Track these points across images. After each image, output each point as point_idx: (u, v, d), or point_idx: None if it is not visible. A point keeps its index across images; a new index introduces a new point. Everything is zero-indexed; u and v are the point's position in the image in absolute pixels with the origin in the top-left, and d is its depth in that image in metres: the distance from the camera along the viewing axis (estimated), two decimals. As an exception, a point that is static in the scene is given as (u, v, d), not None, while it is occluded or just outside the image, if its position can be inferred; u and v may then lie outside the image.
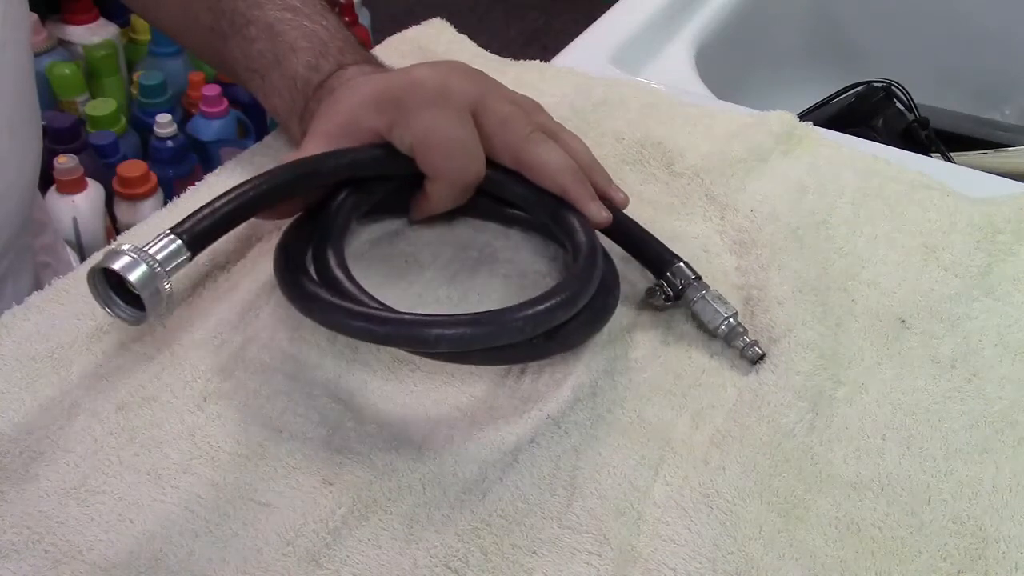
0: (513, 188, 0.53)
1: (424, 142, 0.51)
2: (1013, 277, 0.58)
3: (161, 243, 0.43)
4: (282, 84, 0.57)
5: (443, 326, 0.43)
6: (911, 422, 0.48)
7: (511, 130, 0.52)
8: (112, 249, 0.42)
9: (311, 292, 0.46)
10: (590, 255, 0.49)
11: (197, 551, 0.40)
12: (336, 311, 0.44)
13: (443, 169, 0.52)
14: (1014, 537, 0.44)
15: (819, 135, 0.68)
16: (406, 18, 0.79)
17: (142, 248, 0.43)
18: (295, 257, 0.49)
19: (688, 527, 0.43)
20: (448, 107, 0.51)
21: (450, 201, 0.54)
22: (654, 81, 0.75)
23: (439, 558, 0.41)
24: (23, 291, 0.50)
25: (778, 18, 1.06)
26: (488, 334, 0.44)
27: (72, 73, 1.53)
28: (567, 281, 0.47)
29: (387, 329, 0.43)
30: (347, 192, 0.52)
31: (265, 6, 0.58)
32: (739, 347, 0.50)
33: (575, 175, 0.52)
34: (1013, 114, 1.08)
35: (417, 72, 0.52)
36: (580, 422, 0.47)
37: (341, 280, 0.47)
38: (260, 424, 0.45)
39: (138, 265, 0.41)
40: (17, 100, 0.60)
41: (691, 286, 0.52)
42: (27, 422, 0.44)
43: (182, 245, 0.43)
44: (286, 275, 0.48)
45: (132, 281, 0.40)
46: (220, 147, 1.53)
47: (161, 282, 0.41)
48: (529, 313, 0.44)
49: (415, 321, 0.43)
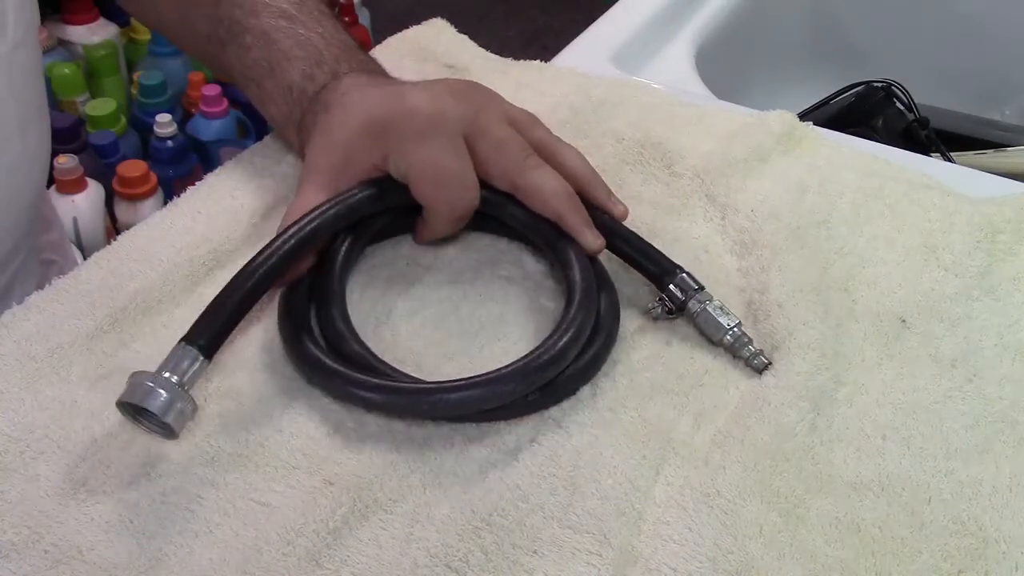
0: (511, 211, 0.54)
1: (418, 174, 0.51)
2: (1013, 277, 0.57)
3: (179, 360, 0.43)
4: (277, 93, 0.57)
5: (438, 393, 0.44)
6: (912, 422, 0.48)
7: (506, 155, 0.52)
8: (134, 381, 0.42)
9: (313, 357, 0.47)
10: (584, 298, 0.49)
11: (197, 551, 0.40)
12: (337, 378, 0.46)
13: (438, 199, 0.52)
14: (1014, 537, 0.44)
15: (819, 135, 0.68)
16: (406, 18, 0.79)
17: (161, 374, 0.43)
18: (298, 313, 0.49)
19: (689, 527, 0.43)
20: (442, 136, 0.51)
21: (448, 228, 0.55)
22: (654, 81, 0.75)
23: (439, 558, 0.41)
24: (29, 291, 0.50)
25: (778, 18, 1.06)
26: (483, 397, 0.45)
27: (72, 73, 1.53)
28: (559, 332, 0.47)
29: (386, 399, 0.45)
30: (343, 239, 0.52)
31: (261, 14, 0.58)
32: (744, 357, 0.50)
33: (570, 201, 0.52)
34: (1013, 114, 1.08)
35: (410, 97, 0.52)
36: (581, 422, 0.47)
37: (346, 338, 0.48)
38: (260, 424, 0.45)
39: (158, 396, 0.42)
40: (29, 101, 0.60)
41: (693, 297, 0.51)
42: (27, 422, 0.44)
43: (197, 355, 0.44)
44: (290, 334, 0.48)
45: (154, 413, 0.42)
46: (220, 147, 1.53)
47: (184, 402, 0.42)
48: (523, 371, 0.45)
49: (414, 390, 0.45)
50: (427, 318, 0.52)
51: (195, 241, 0.53)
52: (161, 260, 0.52)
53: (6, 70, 0.56)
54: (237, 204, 0.57)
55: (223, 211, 0.56)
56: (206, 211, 0.56)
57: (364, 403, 0.46)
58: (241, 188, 0.58)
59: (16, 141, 0.59)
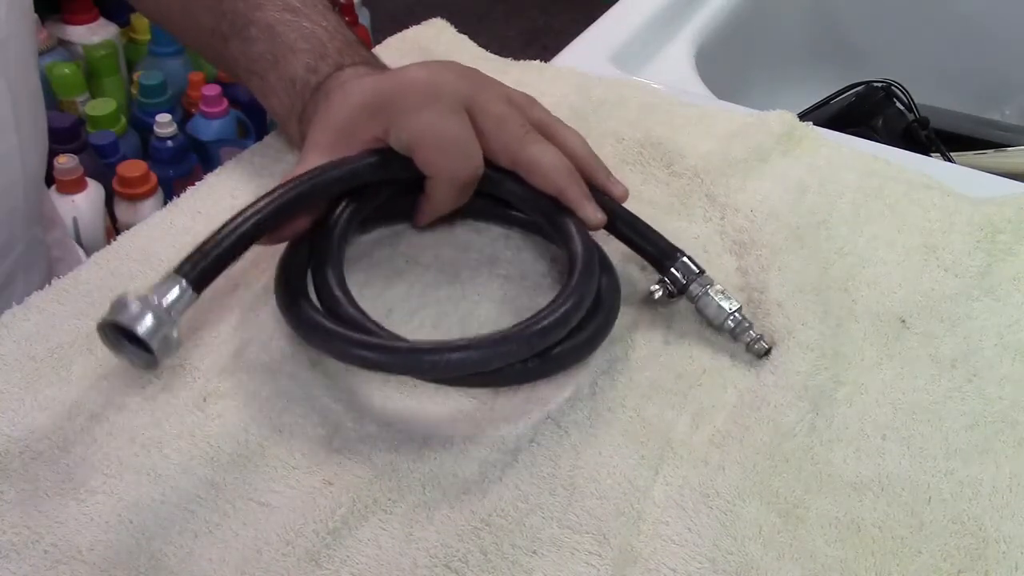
0: (510, 187, 0.53)
1: (420, 141, 0.51)
2: (1013, 277, 0.58)
3: (167, 288, 0.43)
4: (280, 85, 0.57)
5: (439, 352, 0.44)
6: (911, 422, 0.48)
7: (506, 130, 0.52)
8: (119, 300, 0.42)
9: (312, 320, 0.46)
10: (586, 269, 0.49)
11: (197, 551, 0.40)
12: (337, 339, 0.45)
13: (441, 166, 0.52)
14: (1014, 537, 0.44)
15: (819, 135, 0.68)
16: (406, 18, 0.79)
17: (148, 297, 0.43)
18: (295, 279, 0.49)
19: (688, 527, 0.43)
20: (442, 105, 0.51)
21: (451, 200, 0.54)
22: (654, 81, 0.75)
23: (439, 558, 0.41)
24: (34, 284, 0.50)
25: (778, 18, 1.06)
26: (483, 358, 0.44)
27: (72, 73, 1.53)
28: (561, 299, 0.47)
29: (387, 358, 0.44)
30: (344, 205, 0.52)
31: (265, 7, 0.58)
32: (745, 341, 0.50)
33: (571, 175, 0.52)
34: (1013, 114, 1.08)
35: (409, 73, 0.52)
36: (580, 421, 0.47)
37: (341, 302, 0.47)
38: (260, 424, 0.45)
39: (144, 316, 0.41)
40: (21, 94, 0.60)
41: (695, 281, 0.51)
42: (27, 422, 0.44)
43: (187, 287, 0.44)
44: (287, 299, 0.48)
45: (140, 333, 0.41)
46: (220, 147, 1.53)
47: (169, 329, 0.42)
48: (524, 334, 0.44)
49: (413, 349, 0.44)
50: (427, 318, 0.52)
51: (195, 241, 0.53)
52: (161, 260, 0.52)
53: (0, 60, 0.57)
54: (237, 204, 0.56)
55: (223, 211, 0.56)
56: (206, 211, 0.56)
57: (365, 362, 0.45)
58: (241, 188, 0.58)
59: (10, 132, 0.59)
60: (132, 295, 0.42)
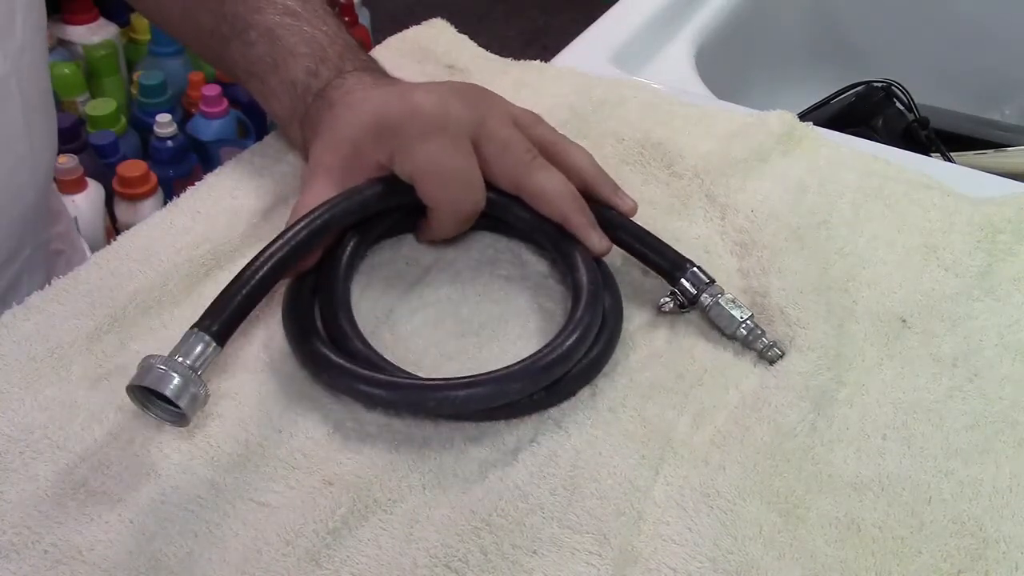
0: (517, 213, 0.54)
1: (423, 173, 0.51)
2: (1013, 277, 0.57)
3: (190, 346, 0.43)
4: (281, 89, 0.57)
5: (445, 390, 0.44)
6: (912, 422, 0.48)
7: (511, 156, 0.52)
8: (145, 363, 0.42)
9: (321, 356, 0.46)
10: (591, 299, 0.49)
11: (197, 551, 0.40)
12: (346, 376, 0.46)
13: (442, 199, 0.52)
14: (1014, 537, 0.44)
15: (819, 135, 0.68)
16: (406, 18, 0.79)
17: (173, 358, 0.43)
18: (302, 309, 0.49)
19: (688, 527, 0.43)
20: (447, 136, 0.51)
21: (452, 229, 0.55)
22: (654, 81, 0.75)
23: (439, 558, 0.41)
24: (36, 285, 0.50)
25: (778, 18, 1.05)
26: (489, 395, 0.45)
27: (72, 73, 1.53)
28: (566, 332, 0.47)
29: (392, 395, 0.45)
30: (349, 236, 0.52)
31: (266, 10, 0.58)
32: (758, 349, 0.51)
33: (575, 202, 0.52)
34: (1013, 114, 1.08)
35: (416, 98, 0.52)
36: (580, 422, 0.47)
37: (350, 337, 0.48)
38: (260, 424, 0.45)
39: (171, 378, 0.42)
40: (36, 101, 0.60)
41: (705, 291, 0.52)
42: (27, 422, 0.44)
43: (210, 341, 0.44)
44: (296, 333, 0.48)
45: (168, 395, 0.42)
46: (220, 147, 1.53)
47: (197, 387, 0.42)
48: (529, 370, 0.45)
49: (419, 386, 0.45)
50: (427, 318, 0.52)
51: (195, 241, 0.53)
52: (161, 260, 0.52)
53: (14, 70, 0.57)
54: (237, 204, 0.57)
55: (223, 211, 0.56)
56: (206, 211, 0.56)
57: (371, 399, 0.46)
58: (241, 188, 0.58)
59: (22, 139, 0.59)
60: (158, 360, 0.42)
